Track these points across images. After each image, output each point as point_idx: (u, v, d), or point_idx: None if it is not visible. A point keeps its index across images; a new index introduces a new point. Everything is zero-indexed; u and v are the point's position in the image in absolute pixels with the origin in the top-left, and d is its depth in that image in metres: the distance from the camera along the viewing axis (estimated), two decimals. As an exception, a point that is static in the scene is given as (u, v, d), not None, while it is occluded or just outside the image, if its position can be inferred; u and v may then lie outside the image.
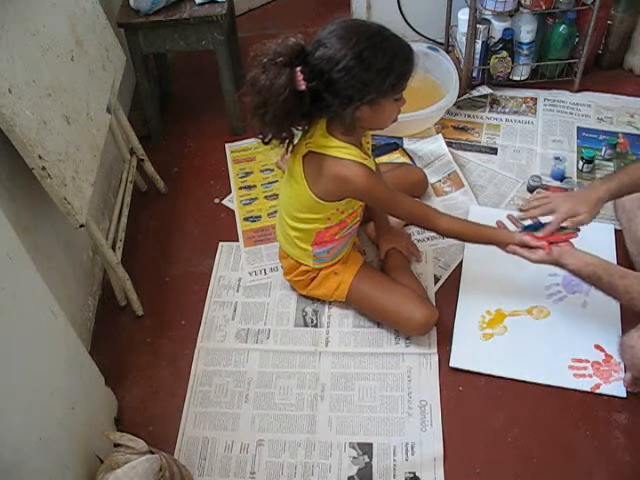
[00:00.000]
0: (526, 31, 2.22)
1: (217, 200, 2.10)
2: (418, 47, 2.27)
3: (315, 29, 1.38)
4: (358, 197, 1.53)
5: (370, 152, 1.57)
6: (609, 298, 1.67)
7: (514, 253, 1.52)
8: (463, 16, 2.27)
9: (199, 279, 1.87)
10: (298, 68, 1.31)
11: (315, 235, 1.59)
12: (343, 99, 1.34)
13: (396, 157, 2.09)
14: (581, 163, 2.07)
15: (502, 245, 1.55)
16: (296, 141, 1.49)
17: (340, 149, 1.44)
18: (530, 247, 1.51)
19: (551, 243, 1.50)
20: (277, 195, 2.05)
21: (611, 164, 2.09)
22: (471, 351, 1.63)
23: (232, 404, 1.59)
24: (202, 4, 2.03)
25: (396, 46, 1.35)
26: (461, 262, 1.83)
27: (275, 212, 1.95)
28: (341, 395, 1.59)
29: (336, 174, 1.44)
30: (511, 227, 1.60)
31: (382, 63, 1.32)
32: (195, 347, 1.70)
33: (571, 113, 2.29)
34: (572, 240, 1.51)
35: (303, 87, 1.32)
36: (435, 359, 1.63)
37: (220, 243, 1.96)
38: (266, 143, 1.44)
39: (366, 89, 1.33)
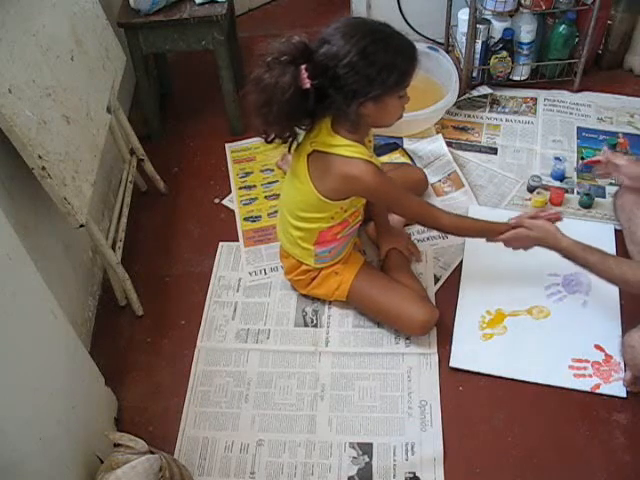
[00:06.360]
0: (526, 31, 2.22)
1: (217, 200, 2.10)
2: (418, 47, 2.26)
3: (315, 29, 1.38)
4: (365, 195, 1.54)
5: (373, 151, 1.57)
6: (609, 298, 1.68)
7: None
8: (463, 16, 2.28)
9: (199, 279, 1.87)
10: (303, 66, 1.32)
11: (318, 234, 1.59)
12: (347, 94, 1.34)
13: (396, 157, 2.09)
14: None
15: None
16: (299, 140, 1.49)
17: (347, 147, 1.44)
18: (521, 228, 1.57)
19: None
20: (277, 195, 2.05)
21: (611, 164, 2.09)
22: (471, 351, 1.63)
23: (232, 404, 1.59)
24: (202, 4, 2.03)
25: (399, 43, 1.37)
26: (461, 262, 1.83)
27: (275, 212, 1.95)
28: (341, 395, 1.59)
29: (344, 173, 1.44)
30: None
31: (386, 59, 1.33)
32: (195, 347, 1.70)
33: (571, 113, 2.29)
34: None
35: (308, 85, 1.32)
36: (435, 359, 1.63)
37: (220, 243, 1.96)
38: (269, 142, 1.44)
39: (370, 85, 1.34)
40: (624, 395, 1.52)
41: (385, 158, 2.07)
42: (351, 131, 1.44)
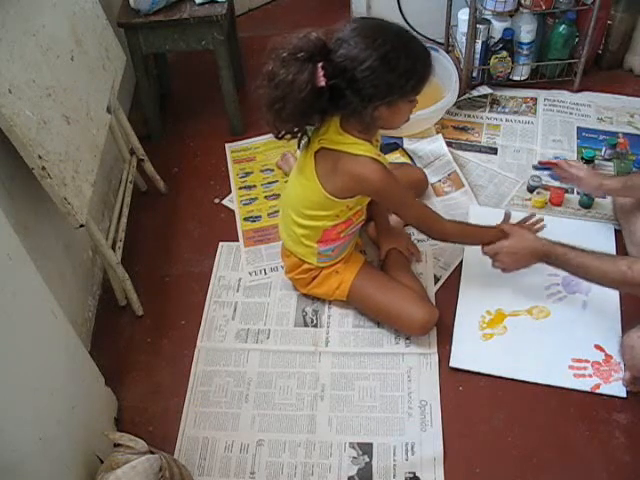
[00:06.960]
0: (526, 31, 2.22)
1: (217, 200, 2.10)
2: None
3: (315, 29, 1.38)
4: (371, 194, 1.54)
5: (379, 150, 1.57)
6: (609, 298, 1.68)
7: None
8: (463, 16, 2.28)
9: (199, 279, 1.87)
10: (319, 64, 1.31)
11: (322, 233, 1.59)
12: (364, 98, 1.34)
13: (396, 157, 2.09)
14: (581, 163, 2.06)
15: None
16: (309, 136, 1.49)
17: (356, 145, 1.44)
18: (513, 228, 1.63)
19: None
20: (277, 195, 2.06)
21: (611, 164, 2.09)
22: (471, 351, 1.63)
23: (232, 404, 1.59)
24: (202, 4, 2.03)
25: (418, 49, 1.38)
26: (461, 262, 1.83)
27: (276, 212, 1.95)
28: (341, 395, 1.59)
29: (353, 171, 1.44)
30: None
31: (406, 65, 1.33)
32: (195, 347, 1.70)
33: (571, 113, 2.29)
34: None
35: (323, 83, 1.31)
36: (435, 359, 1.63)
37: (220, 243, 1.96)
38: (279, 138, 1.44)
39: (389, 90, 1.34)
40: (624, 395, 1.52)
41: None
42: (362, 131, 1.44)
